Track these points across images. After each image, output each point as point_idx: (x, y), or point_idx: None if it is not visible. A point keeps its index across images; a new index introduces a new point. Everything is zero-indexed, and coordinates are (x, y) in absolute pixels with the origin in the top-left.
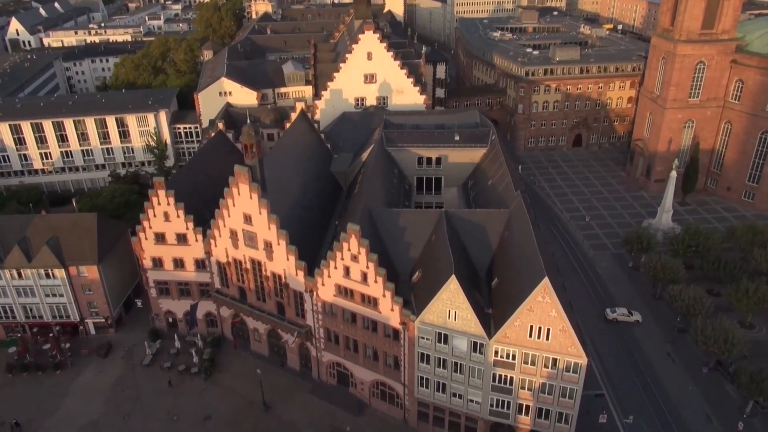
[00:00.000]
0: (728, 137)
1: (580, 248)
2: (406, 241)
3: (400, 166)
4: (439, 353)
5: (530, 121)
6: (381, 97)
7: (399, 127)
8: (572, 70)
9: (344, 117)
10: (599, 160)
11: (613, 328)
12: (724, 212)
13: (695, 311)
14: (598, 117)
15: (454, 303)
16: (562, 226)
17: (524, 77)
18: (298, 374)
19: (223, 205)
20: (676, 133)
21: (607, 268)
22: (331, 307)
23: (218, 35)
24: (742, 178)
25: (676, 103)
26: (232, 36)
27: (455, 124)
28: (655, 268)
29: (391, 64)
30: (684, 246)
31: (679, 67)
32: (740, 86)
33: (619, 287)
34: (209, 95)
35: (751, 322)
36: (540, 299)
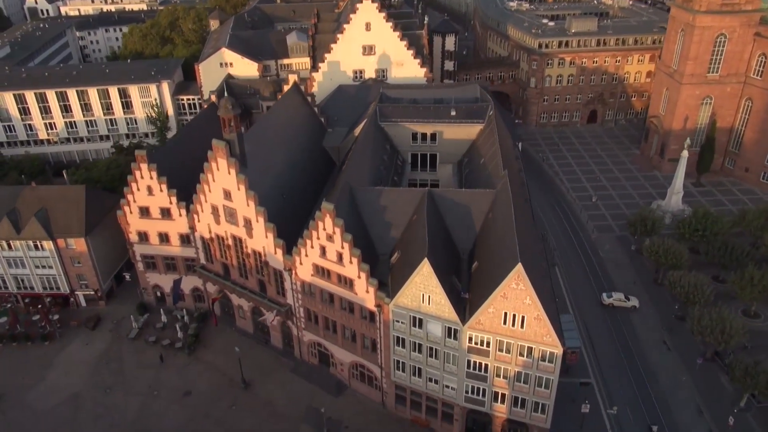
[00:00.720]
0: (748, 115)
1: (583, 229)
2: (388, 221)
3: (394, 142)
4: (414, 337)
5: (543, 96)
6: (380, 69)
7: (396, 101)
8: (588, 42)
9: (340, 90)
10: (614, 137)
11: (609, 314)
12: (740, 194)
13: (695, 299)
14: (615, 92)
15: (427, 287)
16: (568, 207)
17: (537, 50)
18: (281, 352)
19: (204, 180)
20: (692, 110)
21: (609, 251)
22: (309, 286)
23: (231, 4)
24: (761, 158)
25: (694, 78)
26: (245, 5)
27: (454, 98)
28: (657, 252)
29: (391, 35)
30: (691, 230)
31: (698, 39)
32: (763, 61)
33: (620, 271)
34: (210, 66)
35: (756, 311)
36: (514, 286)
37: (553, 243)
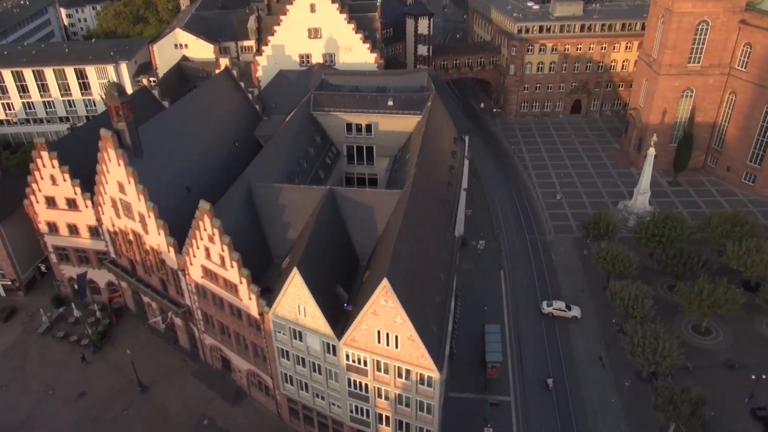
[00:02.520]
0: (732, 110)
1: (541, 230)
2: (286, 221)
3: (328, 133)
4: (296, 350)
5: (523, 84)
6: (328, 54)
7: (336, 89)
8: (572, 27)
9: (280, 76)
10: (596, 129)
11: (547, 324)
12: (719, 196)
13: (634, 312)
14: (600, 81)
15: (301, 298)
16: (530, 204)
17: (516, 35)
18: (188, 354)
19: (100, 171)
20: (671, 102)
21: (564, 254)
22: (202, 288)
23: None
24: (744, 157)
25: (672, 69)
26: None
27: (398, 87)
28: (605, 258)
29: (337, 17)
30: (648, 235)
31: (677, 27)
32: (749, 51)
33: (570, 277)
34: (165, 47)
35: (709, 327)
36: (383, 303)
37: (505, 244)
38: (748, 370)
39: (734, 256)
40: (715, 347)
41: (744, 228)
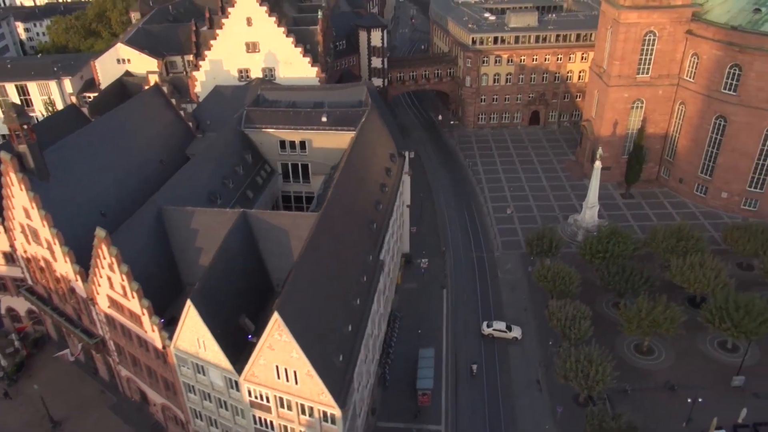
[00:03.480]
0: (682, 121)
1: (489, 246)
2: (198, 247)
3: (261, 151)
4: (201, 385)
5: (479, 96)
6: (267, 68)
7: (273, 104)
8: (527, 38)
9: (216, 92)
10: (554, 140)
11: (487, 346)
12: (671, 208)
13: (570, 334)
14: (558, 92)
15: (199, 331)
16: (480, 219)
17: (471, 46)
18: (107, 386)
19: (6, 195)
20: (621, 114)
21: (510, 271)
22: (111, 318)
23: None
24: (695, 168)
25: (622, 80)
26: None
27: (338, 102)
28: (546, 276)
29: (275, 31)
30: (592, 251)
31: (624, 38)
32: (696, 61)
33: (515, 295)
34: (106, 63)
35: (651, 346)
36: (277, 337)
37: (450, 261)
38: (688, 391)
39: (677, 272)
40: (657, 367)
41: (689, 242)
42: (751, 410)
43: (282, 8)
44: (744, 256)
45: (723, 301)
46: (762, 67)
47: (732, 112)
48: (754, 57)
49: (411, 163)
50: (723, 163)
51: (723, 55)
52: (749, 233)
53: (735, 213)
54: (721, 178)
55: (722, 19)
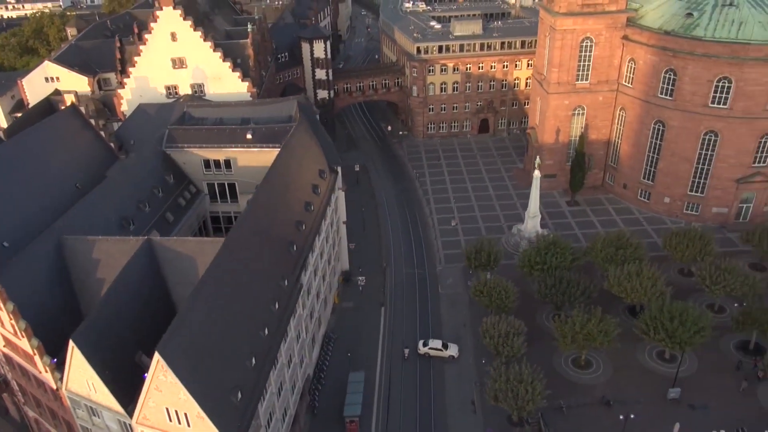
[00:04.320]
0: (623, 126)
1: (431, 260)
2: (101, 278)
3: (186, 171)
4: (97, 428)
5: (427, 105)
6: (196, 84)
7: (199, 122)
8: (472, 46)
9: (140, 110)
10: (503, 149)
11: (423, 365)
12: (615, 214)
13: (503, 351)
14: (506, 100)
15: (86, 371)
16: (424, 232)
17: (416, 55)
18: (19, 426)
19: None
20: (563, 121)
21: (451, 286)
22: (9, 358)
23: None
24: (638, 174)
25: (561, 87)
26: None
27: (266, 117)
28: (482, 292)
29: (202, 45)
30: (531, 263)
31: (560, 45)
32: (633, 67)
33: (455, 311)
34: (34, 81)
35: (589, 359)
36: (162, 378)
37: (391, 277)
38: (624, 406)
39: (615, 282)
40: (594, 381)
41: (627, 251)
42: (686, 423)
43: (213, 22)
44: (683, 262)
45: (657, 311)
46: (695, 72)
47: (669, 116)
48: (687, 61)
49: (358, 176)
50: (664, 168)
51: (658, 60)
52: (688, 239)
53: (678, 218)
54: (662, 183)
55: (656, 24)
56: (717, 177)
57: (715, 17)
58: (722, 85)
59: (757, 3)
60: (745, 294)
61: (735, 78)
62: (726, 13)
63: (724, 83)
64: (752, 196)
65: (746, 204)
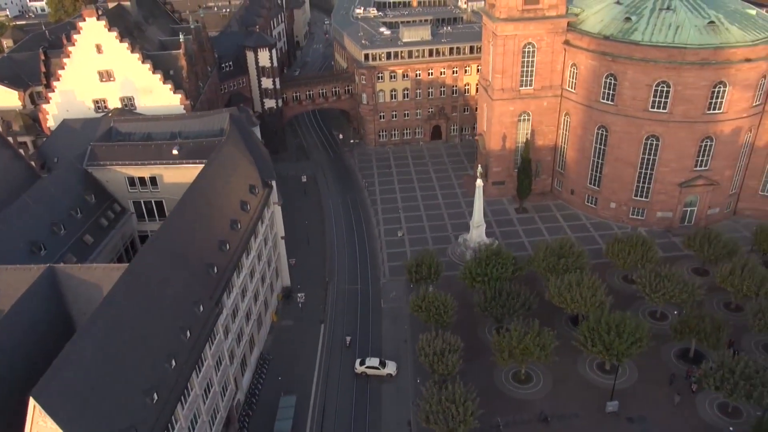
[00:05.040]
0: (568, 132)
1: (375, 273)
2: None
3: (109, 189)
4: None
5: (378, 113)
6: (126, 97)
7: (126, 137)
8: (421, 52)
9: (64, 126)
10: (454, 155)
11: (360, 385)
12: (563, 221)
13: (438, 369)
14: (457, 105)
15: None
16: (370, 244)
17: (364, 62)
18: None
19: None
20: (509, 127)
21: (394, 300)
22: None
23: None
24: (584, 179)
25: (505, 94)
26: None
27: (196, 131)
28: (420, 306)
29: (129, 57)
30: (472, 275)
31: (502, 51)
32: (575, 72)
33: (396, 326)
34: None
35: (529, 373)
36: (42, 423)
37: (333, 292)
38: (563, 422)
39: (555, 292)
40: (534, 396)
41: (569, 260)
42: None
43: (145, 32)
44: (625, 269)
45: (595, 323)
46: (634, 76)
47: (612, 121)
48: (626, 66)
49: (305, 187)
50: (608, 173)
51: (598, 65)
52: (629, 245)
53: (624, 223)
54: (608, 189)
55: (596, 29)
56: (660, 181)
57: (652, 21)
58: (661, 89)
59: (693, 7)
60: (684, 301)
61: (673, 82)
62: (663, 17)
63: (663, 87)
64: (696, 199)
65: (690, 207)
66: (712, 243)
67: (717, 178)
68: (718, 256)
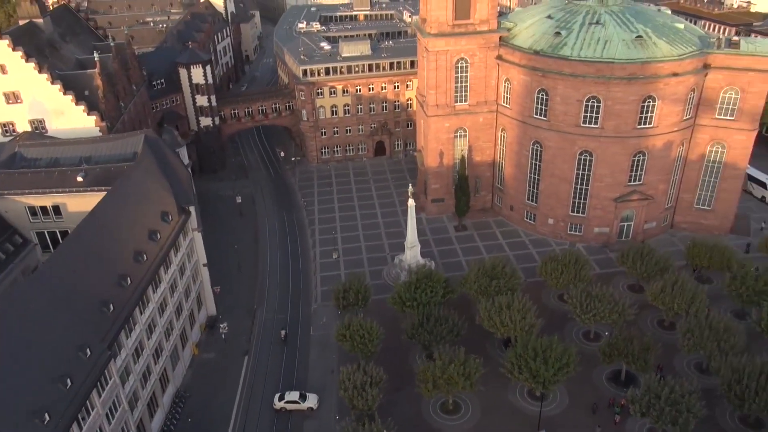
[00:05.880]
0: (505, 148)
1: (307, 298)
2: None
3: (9, 220)
4: None
5: (319, 129)
6: (36, 120)
7: (31, 163)
8: (360, 67)
9: None
10: (398, 171)
11: (280, 422)
12: (502, 238)
13: (358, 404)
14: (400, 120)
15: None
16: (304, 267)
17: (302, 78)
18: None
19: None
20: (446, 144)
21: (323, 326)
22: None
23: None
24: (522, 196)
25: (440, 109)
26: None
27: (107, 156)
28: (344, 336)
29: (37, 78)
30: (402, 300)
31: (435, 66)
32: (509, 87)
33: (324, 355)
34: None
35: (458, 401)
36: None
37: (261, 321)
38: None
39: (486, 316)
40: (462, 428)
41: (501, 281)
42: None
43: (60, 51)
44: (558, 288)
45: (522, 348)
46: (565, 91)
47: (545, 137)
48: (557, 81)
49: (240, 209)
50: (545, 189)
51: (530, 80)
52: (562, 264)
53: (563, 239)
54: (545, 205)
55: (526, 44)
56: (596, 197)
57: (581, 36)
58: (592, 104)
59: (622, 21)
60: (614, 321)
61: (603, 97)
62: (592, 31)
63: (594, 103)
64: (632, 214)
65: (627, 222)
66: (645, 259)
67: (651, 193)
68: (651, 272)
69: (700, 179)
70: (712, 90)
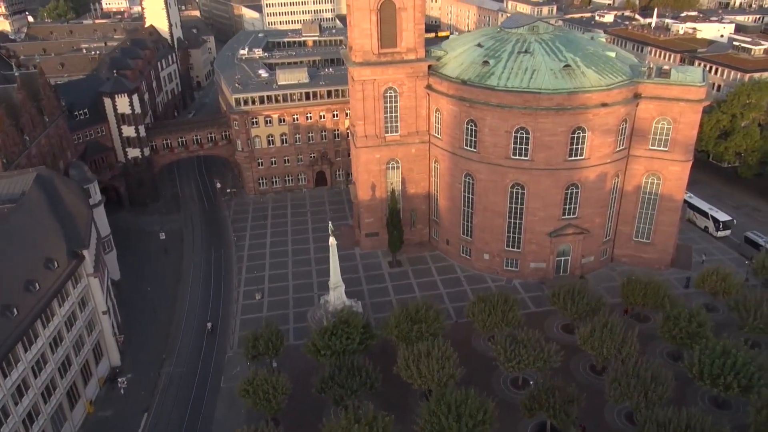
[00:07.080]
0: (439, 179)
1: (222, 345)
2: None
3: None
4: None
5: (256, 159)
6: None
7: None
8: (297, 96)
9: None
10: (337, 203)
11: None
12: (437, 275)
13: None
14: (340, 150)
15: None
16: (225, 309)
17: (235, 107)
18: None
19: None
20: (377, 176)
21: (235, 377)
22: None
23: None
24: (457, 229)
25: (370, 141)
26: None
27: None
28: (247, 390)
29: None
30: (317, 348)
31: (362, 96)
32: (439, 117)
33: (232, 411)
34: None
35: None
36: None
37: (168, 373)
38: None
39: (404, 365)
40: None
41: (423, 325)
42: None
43: None
44: (485, 331)
45: (435, 403)
46: (493, 122)
47: (476, 169)
48: (485, 112)
49: (165, 246)
50: (479, 222)
51: (458, 110)
52: (490, 306)
53: (499, 275)
54: (480, 239)
55: (455, 73)
56: (530, 231)
57: (509, 65)
58: (521, 135)
59: (551, 50)
60: (540, 369)
61: (531, 128)
62: (520, 60)
63: (523, 134)
64: (568, 248)
65: (564, 257)
66: (576, 299)
67: (587, 226)
68: (581, 313)
69: (637, 211)
70: (644, 120)
